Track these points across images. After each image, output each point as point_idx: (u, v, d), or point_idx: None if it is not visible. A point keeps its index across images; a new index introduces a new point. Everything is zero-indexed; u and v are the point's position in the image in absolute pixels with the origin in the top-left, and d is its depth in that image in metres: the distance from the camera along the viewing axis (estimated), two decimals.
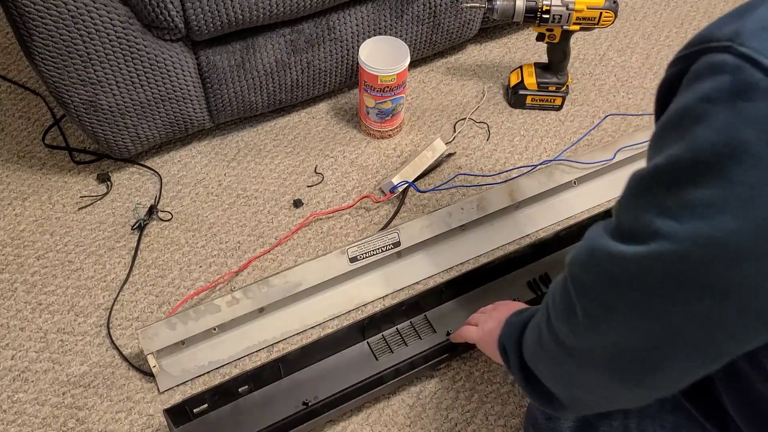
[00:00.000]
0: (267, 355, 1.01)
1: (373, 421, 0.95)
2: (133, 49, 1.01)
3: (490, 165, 1.24)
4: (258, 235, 1.13)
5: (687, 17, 1.54)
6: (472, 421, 0.95)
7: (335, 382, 0.95)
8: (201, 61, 1.10)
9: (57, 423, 0.94)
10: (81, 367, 0.99)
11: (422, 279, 1.09)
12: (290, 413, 0.92)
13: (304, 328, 1.03)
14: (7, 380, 0.97)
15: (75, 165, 1.22)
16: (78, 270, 1.08)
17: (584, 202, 1.17)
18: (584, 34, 1.47)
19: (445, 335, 1.00)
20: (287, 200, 1.18)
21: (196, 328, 0.95)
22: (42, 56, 0.96)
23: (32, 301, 1.05)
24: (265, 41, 1.13)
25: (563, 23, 1.18)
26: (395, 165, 1.23)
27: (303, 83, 1.22)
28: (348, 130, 1.29)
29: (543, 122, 1.31)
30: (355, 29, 1.19)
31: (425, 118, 1.31)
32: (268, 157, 1.24)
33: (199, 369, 0.98)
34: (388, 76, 1.15)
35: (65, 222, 1.14)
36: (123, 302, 1.05)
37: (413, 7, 1.22)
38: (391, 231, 1.04)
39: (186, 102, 1.13)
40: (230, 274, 1.07)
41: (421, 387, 0.98)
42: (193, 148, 1.25)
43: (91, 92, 1.03)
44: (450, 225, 1.07)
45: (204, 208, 1.17)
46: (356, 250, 1.02)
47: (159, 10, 0.97)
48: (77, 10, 0.93)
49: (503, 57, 1.43)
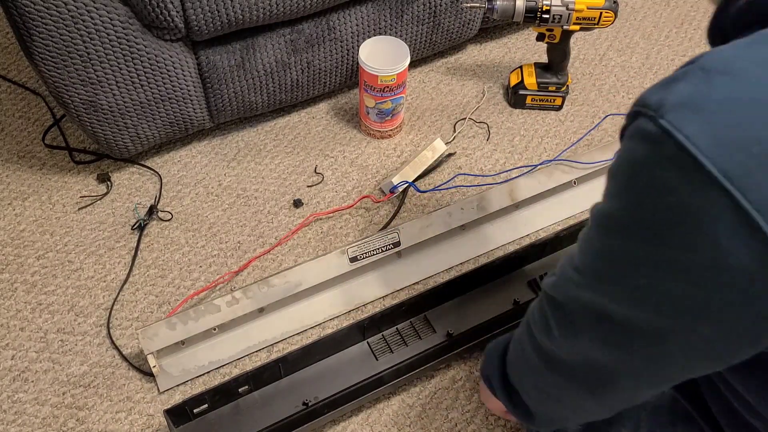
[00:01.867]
0: (267, 355, 1.01)
1: (373, 422, 0.95)
2: (133, 49, 1.01)
3: (490, 165, 1.24)
4: (258, 235, 1.13)
5: (687, 17, 1.54)
6: (472, 421, 0.95)
7: (335, 382, 0.95)
8: (201, 61, 1.10)
9: (57, 423, 0.94)
10: (81, 367, 0.99)
11: (422, 279, 1.09)
12: (290, 413, 0.92)
13: (304, 328, 1.03)
14: (7, 380, 0.97)
15: (75, 165, 1.22)
16: (78, 270, 1.08)
17: (584, 202, 1.17)
18: (584, 34, 1.47)
19: (445, 335, 1.00)
20: (287, 200, 1.18)
21: (196, 328, 0.95)
22: (42, 56, 0.96)
23: (32, 301, 1.05)
24: (265, 41, 1.13)
25: (563, 23, 1.18)
26: (395, 165, 1.23)
27: (303, 83, 1.22)
28: (348, 130, 1.29)
29: (543, 122, 1.31)
30: (355, 29, 1.19)
31: (425, 118, 1.31)
32: (268, 157, 1.24)
33: (199, 369, 0.98)
34: (388, 76, 1.15)
35: (65, 222, 1.14)
36: (123, 302, 1.05)
37: (413, 7, 1.22)
38: (391, 231, 1.04)
39: (186, 102, 1.13)
40: (230, 275, 1.07)
41: (421, 387, 0.98)
42: (193, 148, 1.25)
43: (91, 92, 1.03)
44: (450, 225, 1.07)
45: (204, 208, 1.17)
46: (356, 250, 1.02)
47: (159, 10, 0.97)
48: (77, 10, 0.93)
49: (503, 57, 1.43)
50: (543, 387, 0.66)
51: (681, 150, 0.41)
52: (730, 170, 0.39)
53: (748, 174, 0.39)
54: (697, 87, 0.42)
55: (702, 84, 0.42)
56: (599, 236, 0.51)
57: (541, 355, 0.62)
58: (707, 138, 0.40)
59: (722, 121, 0.40)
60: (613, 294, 0.50)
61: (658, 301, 0.47)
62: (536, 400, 0.68)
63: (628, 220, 0.47)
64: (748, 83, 0.41)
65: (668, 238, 0.43)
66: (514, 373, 0.71)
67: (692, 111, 0.41)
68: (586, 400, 0.62)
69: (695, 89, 0.42)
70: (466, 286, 1.04)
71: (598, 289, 0.52)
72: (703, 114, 0.41)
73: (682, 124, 0.41)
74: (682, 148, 0.41)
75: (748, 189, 0.39)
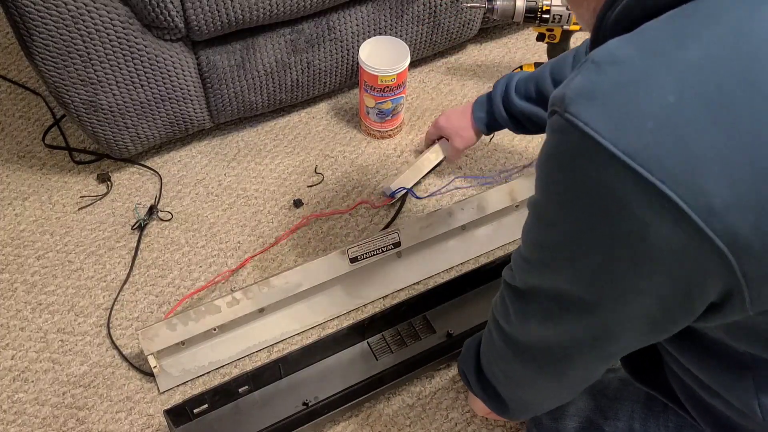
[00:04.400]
0: (267, 356, 1.01)
1: (373, 422, 0.95)
2: (133, 49, 1.01)
3: (490, 165, 1.24)
4: (258, 235, 1.13)
5: None
6: (472, 421, 0.95)
7: (335, 382, 0.95)
8: (201, 61, 1.10)
9: (57, 423, 0.94)
10: (81, 367, 0.99)
11: (422, 279, 1.09)
12: (290, 413, 0.92)
13: (304, 328, 1.03)
14: (7, 380, 0.97)
15: (75, 165, 1.22)
16: (78, 270, 1.08)
17: None
18: (584, 34, 1.47)
19: (445, 335, 1.00)
20: (287, 200, 1.18)
21: (197, 328, 0.95)
22: (42, 56, 0.96)
23: (32, 301, 1.05)
24: (265, 41, 1.13)
25: (563, 23, 1.18)
26: (395, 165, 1.23)
27: (303, 83, 1.22)
28: (348, 130, 1.29)
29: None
30: (355, 29, 1.19)
31: (425, 118, 1.31)
32: (268, 157, 1.24)
33: (199, 369, 0.98)
34: (388, 77, 1.15)
35: (65, 222, 1.14)
36: (123, 302, 1.05)
37: (413, 7, 1.22)
38: (391, 231, 1.04)
39: (186, 102, 1.13)
40: (229, 272, 1.07)
41: (421, 387, 0.98)
42: (193, 148, 1.25)
43: (91, 92, 1.03)
44: (450, 225, 1.07)
45: (204, 208, 1.17)
46: (357, 251, 1.02)
47: (159, 10, 0.97)
48: (77, 10, 0.93)
49: (503, 57, 1.43)
50: (511, 374, 0.69)
51: (584, 136, 0.44)
52: (630, 147, 0.42)
53: (647, 148, 0.42)
54: (590, 78, 0.45)
55: (593, 74, 0.45)
56: (534, 225, 0.55)
57: (505, 340, 0.65)
58: (604, 122, 0.43)
59: (615, 104, 0.43)
60: (555, 275, 0.54)
61: (593, 278, 0.50)
62: (507, 388, 0.71)
63: (554, 208, 0.50)
64: (632, 68, 0.44)
65: (592, 218, 0.47)
66: (485, 363, 0.74)
67: (587, 99, 0.44)
68: (549, 382, 0.65)
69: (588, 80, 0.45)
70: (466, 286, 1.04)
71: (543, 272, 0.56)
72: (596, 100, 0.44)
73: (580, 112, 0.44)
74: (584, 135, 0.44)
75: (649, 163, 0.42)
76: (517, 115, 1.04)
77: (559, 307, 0.55)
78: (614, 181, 0.43)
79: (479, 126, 1.10)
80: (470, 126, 1.12)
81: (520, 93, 1.03)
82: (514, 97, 1.03)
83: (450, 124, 1.14)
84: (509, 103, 1.04)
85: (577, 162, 0.45)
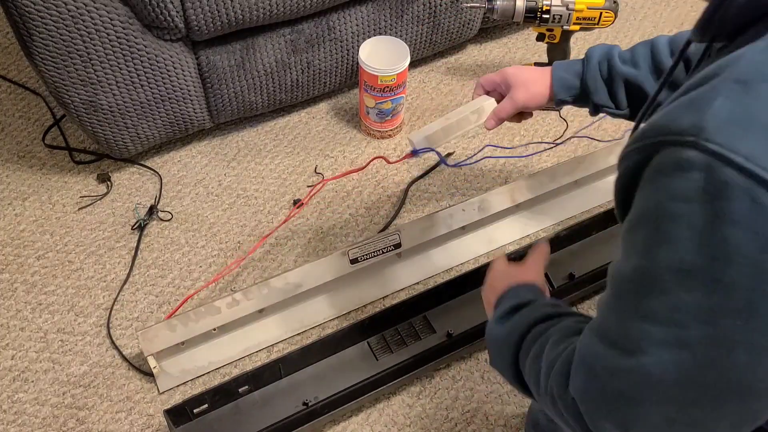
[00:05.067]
0: (267, 356, 1.01)
1: (373, 422, 0.95)
2: (133, 49, 1.01)
3: (490, 165, 1.24)
4: (258, 235, 1.13)
5: (687, 17, 1.53)
6: (472, 421, 0.95)
7: (335, 382, 0.95)
8: (201, 61, 1.10)
9: (57, 423, 0.94)
10: (81, 367, 0.99)
11: (422, 279, 1.09)
12: (290, 413, 0.92)
13: (304, 328, 1.03)
14: (7, 380, 0.97)
15: (75, 165, 1.22)
16: (78, 270, 1.08)
17: (585, 203, 1.17)
18: (584, 34, 1.47)
19: (445, 335, 1.00)
20: (287, 200, 1.18)
21: (197, 329, 0.95)
22: (42, 56, 0.96)
23: (32, 301, 1.05)
24: (265, 41, 1.13)
25: (563, 23, 1.18)
26: (395, 165, 1.23)
27: (303, 83, 1.22)
28: (348, 130, 1.29)
29: (543, 122, 1.31)
30: (355, 29, 1.19)
31: (425, 118, 1.31)
32: (268, 157, 1.24)
33: (199, 369, 0.98)
34: (388, 77, 1.15)
35: (65, 222, 1.14)
36: (123, 302, 1.05)
37: (413, 7, 1.22)
38: (392, 233, 1.03)
39: (186, 102, 1.13)
40: (227, 270, 1.07)
41: (421, 387, 0.98)
42: (193, 148, 1.25)
43: (91, 92, 1.03)
44: (451, 226, 1.07)
45: (204, 208, 1.17)
46: (357, 252, 1.02)
47: (159, 10, 0.97)
48: (77, 10, 0.93)
49: (503, 57, 1.43)
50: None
51: (742, 172, 0.37)
52: None
53: None
54: (739, 101, 0.38)
55: (743, 97, 0.38)
56: (673, 294, 0.42)
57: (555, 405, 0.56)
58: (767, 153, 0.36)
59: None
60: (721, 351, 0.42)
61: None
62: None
63: (708, 265, 0.40)
64: None
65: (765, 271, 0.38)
66: (524, 367, 0.64)
67: (742, 128, 0.37)
68: None
69: (737, 103, 0.38)
70: (466, 286, 1.04)
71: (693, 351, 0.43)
72: (754, 128, 0.37)
73: (735, 144, 0.37)
74: (743, 170, 0.37)
75: None
76: (616, 81, 0.86)
77: (688, 390, 0.44)
78: None
79: (557, 87, 0.89)
80: (547, 83, 0.89)
81: (624, 59, 0.86)
82: (617, 61, 0.85)
83: (520, 72, 0.91)
84: (612, 66, 0.86)
85: (732, 205, 0.38)
